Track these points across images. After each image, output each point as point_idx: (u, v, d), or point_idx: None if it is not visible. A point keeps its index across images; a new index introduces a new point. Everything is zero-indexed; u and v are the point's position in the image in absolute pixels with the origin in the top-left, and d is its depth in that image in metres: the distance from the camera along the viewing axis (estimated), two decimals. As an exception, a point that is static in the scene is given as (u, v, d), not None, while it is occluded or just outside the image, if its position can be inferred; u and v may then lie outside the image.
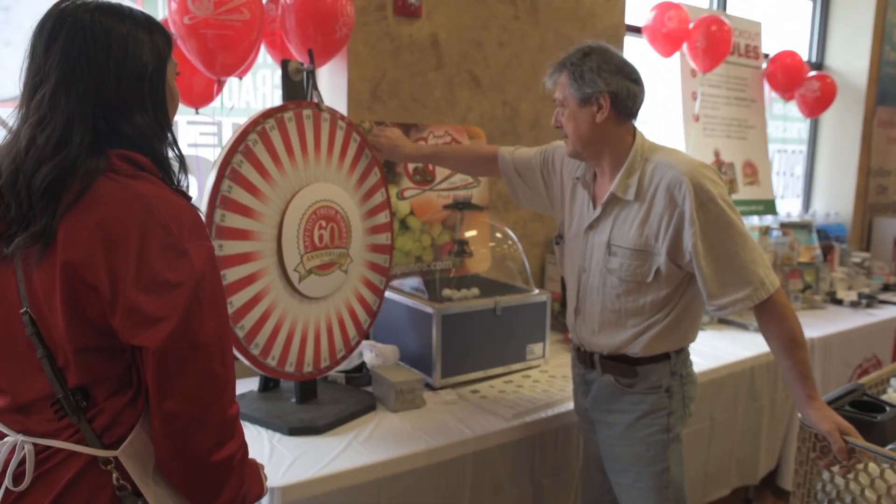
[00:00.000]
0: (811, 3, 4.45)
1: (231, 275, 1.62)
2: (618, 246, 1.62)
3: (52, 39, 1.00)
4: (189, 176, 1.17)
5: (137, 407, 1.03)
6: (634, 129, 1.65)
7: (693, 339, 1.71)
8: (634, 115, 1.63)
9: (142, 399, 1.04)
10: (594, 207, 1.67)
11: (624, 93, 1.57)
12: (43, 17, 1.02)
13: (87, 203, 0.97)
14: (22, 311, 1.00)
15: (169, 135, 1.10)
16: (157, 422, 0.99)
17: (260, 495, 1.15)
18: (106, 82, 1.00)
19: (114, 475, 1.00)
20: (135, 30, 1.03)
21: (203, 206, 1.58)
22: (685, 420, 1.70)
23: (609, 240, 1.63)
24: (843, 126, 4.46)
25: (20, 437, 1.02)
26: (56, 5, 1.02)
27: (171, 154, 1.10)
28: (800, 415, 1.53)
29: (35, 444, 1.01)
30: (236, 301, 1.63)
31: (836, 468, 1.46)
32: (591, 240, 1.68)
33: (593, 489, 1.86)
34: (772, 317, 1.54)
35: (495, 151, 1.98)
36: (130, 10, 1.05)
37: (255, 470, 1.15)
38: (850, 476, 1.45)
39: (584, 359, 1.74)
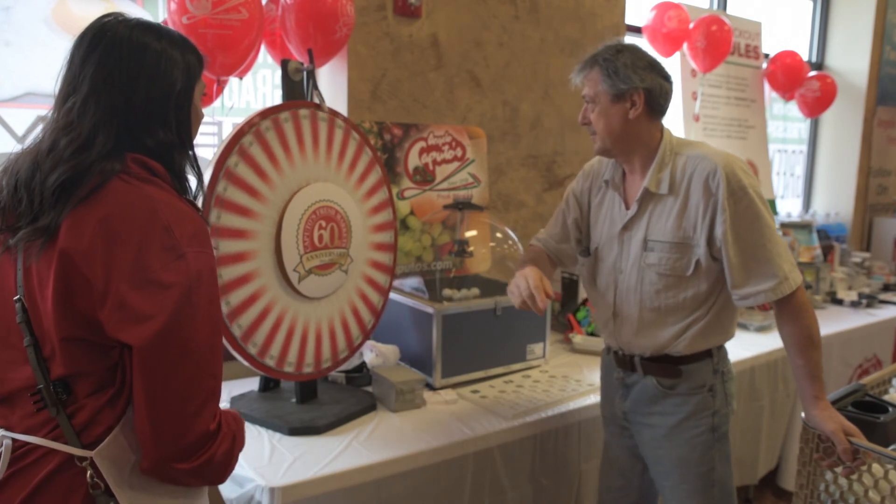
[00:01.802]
0: (811, 3, 4.45)
1: (227, 273, 1.62)
2: (655, 241, 1.60)
3: (90, 51, 1.05)
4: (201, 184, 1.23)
5: (117, 408, 1.04)
6: (662, 125, 1.64)
7: (733, 335, 1.69)
8: (664, 112, 1.62)
9: (123, 400, 1.04)
10: (627, 208, 1.66)
11: (657, 90, 1.57)
12: (84, 30, 1.07)
13: (95, 199, 1.00)
14: (15, 298, 1.03)
15: (189, 152, 1.14)
16: (146, 426, 0.99)
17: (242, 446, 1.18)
18: (135, 96, 1.05)
19: (88, 472, 1.01)
20: (169, 49, 1.08)
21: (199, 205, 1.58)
22: (730, 417, 1.68)
23: (645, 235, 1.61)
24: (843, 126, 4.46)
25: (0, 432, 1.03)
26: (98, 19, 1.07)
27: (189, 170, 1.14)
28: (803, 415, 1.52)
29: (14, 440, 1.02)
30: (233, 300, 1.63)
31: (838, 469, 1.45)
32: (626, 240, 1.66)
33: (611, 492, 1.84)
34: (791, 314, 1.53)
35: (537, 246, 1.91)
36: (168, 29, 1.11)
37: (239, 435, 1.15)
38: (854, 477, 1.45)
39: (624, 362, 1.71)
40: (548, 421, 1.92)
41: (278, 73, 2.04)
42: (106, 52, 1.04)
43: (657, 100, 1.58)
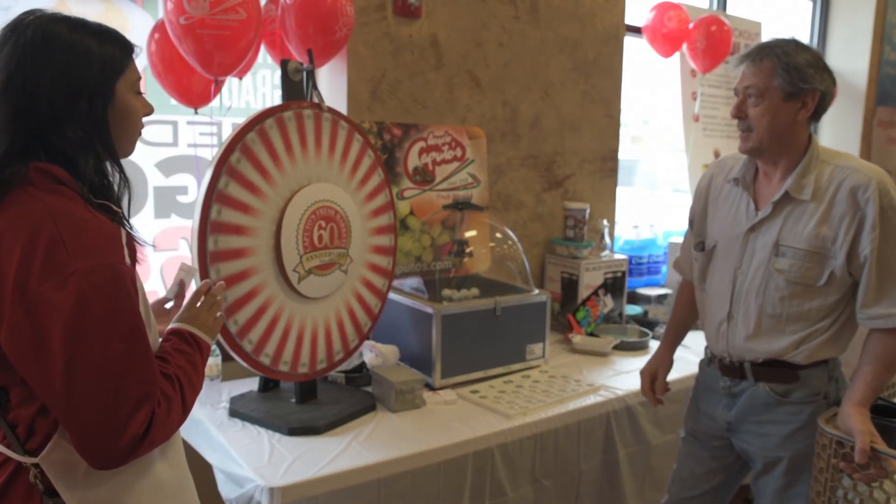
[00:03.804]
0: (811, 3, 4.45)
1: (225, 269, 1.62)
2: (788, 246, 1.54)
3: None
4: (129, 191, 1.14)
5: (49, 416, 1.02)
6: (811, 130, 1.60)
7: (846, 350, 1.62)
8: (820, 118, 1.58)
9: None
10: (758, 209, 1.61)
11: (828, 94, 1.53)
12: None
13: None
14: None
15: (103, 150, 1.05)
16: (76, 444, 0.98)
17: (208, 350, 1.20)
18: (39, 96, 0.99)
19: (31, 472, 1.00)
20: (83, 40, 1.02)
21: (200, 202, 1.59)
22: None
23: (777, 240, 1.56)
24: (843, 126, 4.46)
25: None
26: (19, 15, 1.02)
27: (110, 171, 1.08)
28: (819, 420, 1.50)
29: None
30: (231, 295, 1.63)
31: (856, 475, 1.41)
32: (752, 241, 1.60)
33: (685, 501, 1.81)
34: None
35: (687, 283, 1.87)
36: (84, 21, 1.04)
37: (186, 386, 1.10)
38: (875, 484, 1.41)
39: (732, 370, 1.65)
40: (548, 421, 1.92)
41: (278, 73, 2.04)
42: (10, 51, 0.99)
43: (823, 105, 1.53)
